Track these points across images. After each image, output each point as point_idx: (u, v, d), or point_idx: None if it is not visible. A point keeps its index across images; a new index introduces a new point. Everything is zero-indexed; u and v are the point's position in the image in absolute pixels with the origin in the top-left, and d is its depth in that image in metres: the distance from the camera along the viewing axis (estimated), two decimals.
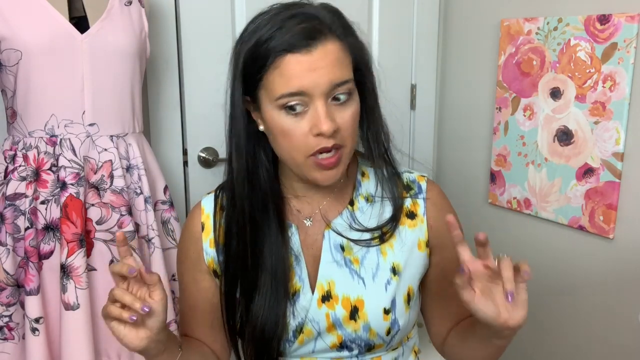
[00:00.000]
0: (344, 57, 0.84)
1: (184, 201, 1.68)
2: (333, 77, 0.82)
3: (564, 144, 1.53)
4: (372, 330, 0.92)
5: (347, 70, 0.84)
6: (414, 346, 1.06)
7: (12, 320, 1.23)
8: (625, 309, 1.45)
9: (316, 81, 0.81)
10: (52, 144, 1.23)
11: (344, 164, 0.88)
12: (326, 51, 0.81)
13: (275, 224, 0.93)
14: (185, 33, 1.57)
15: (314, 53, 0.81)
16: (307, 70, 0.80)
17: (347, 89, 0.84)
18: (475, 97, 1.82)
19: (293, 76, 0.81)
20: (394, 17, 1.83)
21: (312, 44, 0.81)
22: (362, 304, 0.92)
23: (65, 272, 1.19)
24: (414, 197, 0.97)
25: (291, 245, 0.95)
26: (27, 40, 1.16)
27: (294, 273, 0.94)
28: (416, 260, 0.96)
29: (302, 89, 0.81)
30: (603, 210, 1.46)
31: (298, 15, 0.83)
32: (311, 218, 0.97)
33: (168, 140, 1.63)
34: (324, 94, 0.82)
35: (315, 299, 0.93)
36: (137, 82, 1.33)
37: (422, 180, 0.99)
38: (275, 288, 0.91)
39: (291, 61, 0.81)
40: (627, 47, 1.36)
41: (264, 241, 0.92)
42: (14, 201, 1.22)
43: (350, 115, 0.85)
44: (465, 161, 1.89)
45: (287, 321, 0.92)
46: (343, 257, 0.94)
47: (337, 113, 0.84)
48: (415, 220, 0.96)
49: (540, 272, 1.67)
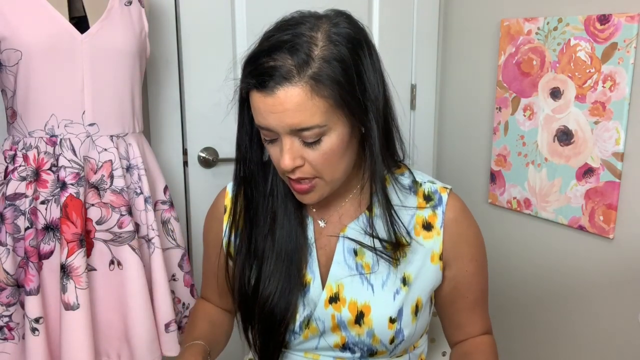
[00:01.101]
0: (310, 103, 0.79)
1: (184, 201, 1.68)
2: (293, 122, 0.80)
3: (564, 144, 1.53)
4: (376, 337, 0.92)
5: (313, 116, 0.79)
6: (421, 355, 1.06)
7: (12, 320, 1.23)
8: (625, 309, 1.45)
9: (278, 123, 0.80)
10: (52, 144, 1.23)
11: (322, 191, 0.88)
12: (288, 96, 0.78)
13: (294, 214, 0.95)
14: (185, 33, 1.57)
15: (275, 96, 0.79)
16: (269, 112, 0.80)
17: (313, 134, 0.81)
18: (475, 97, 1.82)
19: (258, 113, 0.82)
20: (394, 17, 1.83)
21: (274, 86, 0.78)
22: (369, 310, 0.92)
23: (65, 272, 1.19)
24: (433, 209, 0.95)
25: (307, 234, 0.96)
26: (27, 40, 1.16)
27: (306, 263, 0.95)
28: (428, 272, 0.95)
29: (268, 126, 0.82)
30: (603, 210, 1.46)
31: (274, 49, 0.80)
32: (325, 220, 0.97)
33: (168, 140, 1.63)
34: (288, 134, 0.82)
35: (323, 298, 0.93)
36: (137, 82, 1.33)
37: (444, 192, 0.97)
38: (289, 273, 0.93)
39: (256, 98, 0.81)
40: (627, 47, 1.36)
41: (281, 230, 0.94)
42: (14, 201, 1.21)
43: (320, 155, 0.83)
44: (465, 161, 1.89)
45: (296, 309, 0.93)
46: (355, 261, 0.94)
47: (306, 150, 0.83)
48: (431, 232, 0.95)
49: (540, 272, 1.67)
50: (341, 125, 0.83)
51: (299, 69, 0.78)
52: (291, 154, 0.82)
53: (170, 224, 1.40)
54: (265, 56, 0.80)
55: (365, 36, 0.86)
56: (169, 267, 1.39)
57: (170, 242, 1.40)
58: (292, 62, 0.78)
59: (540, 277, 1.67)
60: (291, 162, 0.82)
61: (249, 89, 0.82)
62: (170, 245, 1.40)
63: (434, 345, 1.24)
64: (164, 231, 1.39)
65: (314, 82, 0.78)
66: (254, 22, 1.61)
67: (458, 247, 0.95)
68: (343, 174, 0.88)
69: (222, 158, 1.64)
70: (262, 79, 0.79)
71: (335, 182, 0.88)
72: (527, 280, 1.71)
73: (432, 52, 1.92)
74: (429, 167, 2.00)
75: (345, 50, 0.81)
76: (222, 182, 1.08)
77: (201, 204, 1.63)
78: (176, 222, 1.41)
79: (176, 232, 1.41)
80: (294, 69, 0.78)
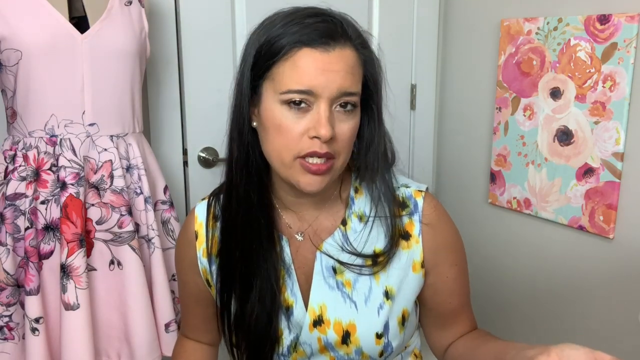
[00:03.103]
0: (358, 69, 0.82)
1: (184, 201, 1.68)
2: (344, 84, 0.79)
3: (564, 144, 1.53)
4: (365, 354, 0.91)
5: (358, 83, 0.82)
6: (415, 350, 1.05)
7: (12, 320, 1.23)
8: (625, 309, 1.45)
9: (327, 84, 0.78)
10: (52, 144, 1.23)
11: (332, 176, 0.85)
12: (343, 56, 0.79)
13: (267, 234, 0.91)
14: (185, 33, 1.57)
15: (331, 54, 0.78)
16: (321, 70, 0.77)
17: (353, 100, 0.81)
18: (475, 97, 1.82)
19: (305, 73, 0.78)
20: (394, 17, 1.83)
21: (331, 43, 0.78)
22: (354, 328, 0.90)
23: (65, 272, 1.19)
24: (409, 216, 0.91)
25: (283, 257, 0.92)
26: (27, 40, 1.16)
27: (286, 286, 0.92)
28: (410, 282, 0.92)
29: (311, 88, 0.78)
30: (603, 210, 1.46)
31: (320, 15, 0.81)
32: (302, 234, 0.94)
33: (168, 140, 1.63)
34: (331, 99, 0.79)
35: (307, 322, 0.91)
36: (137, 82, 1.33)
37: (419, 196, 0.92)
38: (268, 291, 0.90)
39: (307, 56, 0.78)
40: (627, 47, 1.36)
41: (257, 249, 0.90)
42: (14, 201, 1.22)
43: (350, 128, 0.83)
44: (465, 161, 1.89)
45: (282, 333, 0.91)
46: (335, 280, 0.91)
47: (338, 122, 0.81)
48: (410, 241, 0.91)
49: (540, 272, 1.67)
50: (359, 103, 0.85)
51: (350, 34, 0.81)
52: (330, 121, 0.79)
53: (170, 224, 1.40)
54: (314, 17, 0.80)
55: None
56: (169, 267, 1.39)
57: (170, 242, 1.40)
58: (342, 26, 0.81)
59: (540, 277, 1.67)
60: (330, 129, 0.79)
61: (296, 46, 0.78)
62: (170, 245, 1.40)
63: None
64: (164, 231, 1.39)
65: (359, 52, 0.82)
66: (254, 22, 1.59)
67: (438, 254, 0.92)
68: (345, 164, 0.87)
69: (222, 158, 1.63)
70: (318, 35, 0.78)
71: (341, 168, 0.86)
72: (527, 280, 1.71)
73: (432, 52, 1.92)
74: (429, 167, 2.00)
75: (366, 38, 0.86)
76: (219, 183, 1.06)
77: None
78: (176, 222, 1.42)
79: (176, 232, 1.41)
80: (346, 32, 0.81)
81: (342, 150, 0.83)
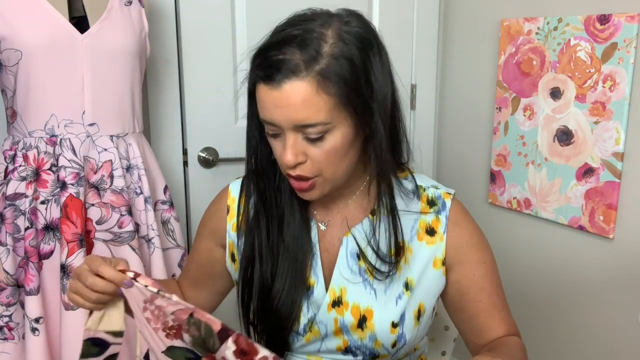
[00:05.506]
0: (316, 98, 0.78)
1: (184, 201, 1.68)
2: (297, 117, 0.79)
3: (564, 144, 1.53)
4: (378, 341, 0.92)
5: (318, 112, 0.79)
6: (422, 355, 1.06)
7: (12, 320, 1.23)
8: (625, 309, 1.45)
9: (282, 118, 0.80)
10: (52, 144, 1.23)
11: (323, 188, 0.87)
12: (294, 90, 0.78)
13: (299, 214, 0.94)
14: (185, 33, 1.57)
15: (282, 89, 0.78)
16: (275, 106, 0.79)
17: (317, 131, 0.80)
18: (475, 97, 1.82)
19: (265, 107, 0.81)
20: (394, 17, 1.83)
21: (281, 80, 0.78)
22: (371, 314, 0.92)
23: (65, 272, 1.19)
24: (436, 214, 0.94)
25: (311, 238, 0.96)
26: (27, 40, 1.16)
27: (310, 266, 0.95)
28: (430, 277, 0.94)
29: (272, 120, 0.81)
30: (603, 210, 1.46)
31: (284, 43, 0.80)
32: (327, 222, 0.96)
33: (168, 140, 1.63)
34: (292, 129, 0.81)
35: (326, 302, 0.93)
36: (137, 82, 1.33)
37: (448, 197, 0.95)
38: (294, 273, 0.93)
39: (263, 91, 0.80)
40: (627, 47, 1.36)
41: (287, 228, 0.94)
42: (14, 201, 1.21)
43: (323, 152, 0.82)
44: (465, 161, 1.89)
45: (301, 310, 0.93)
46: (358, 265, 0.93)
47: (309, 147, 0.82)
48: (434, 237, 0.94)
49: (540, 272, 1.67)
50: (346, 124, 0.83)
51: (307, 64, 0.78)
52: (294, 149, 0.82)
53: (170, 224, 1.40)
54: (275, 49, 0.80)
55: (376, 37, 0.86)
56: (169, 266, 1.39)
57: (170, 242, 1.40)
58: (301, 56, 0.78)
59: (540, 277, 1.67)
60: (293, 157, 0.82)
61: (257, 81, 0.81)
62: (170, 245, 1.40)
63: (434, 345, 1.24)
64: (164, 231, 1.39)
65: (321, 78, 0.78)
66: (254, 22, 1.62)
67: (462, 252, 0.94)
68: (345, 173, 0.88)
69: (222, 158, 1.64)
70: (270, 72, 0.78)
71: (336, 181, 0.88)
72: (527, 280, 1.71)
73: (432, 52, 1.92)
74: (429, 167, 2.00)
75: (354, 49, 0.80)
76: (222, 182, 1.07)
77: (201, 204, 1.63)
78: (176, 222, 1.42)
79: (176, 232, 1.41)
80: (302, 64, 0.78)
81: (325, 167, 0.84)
